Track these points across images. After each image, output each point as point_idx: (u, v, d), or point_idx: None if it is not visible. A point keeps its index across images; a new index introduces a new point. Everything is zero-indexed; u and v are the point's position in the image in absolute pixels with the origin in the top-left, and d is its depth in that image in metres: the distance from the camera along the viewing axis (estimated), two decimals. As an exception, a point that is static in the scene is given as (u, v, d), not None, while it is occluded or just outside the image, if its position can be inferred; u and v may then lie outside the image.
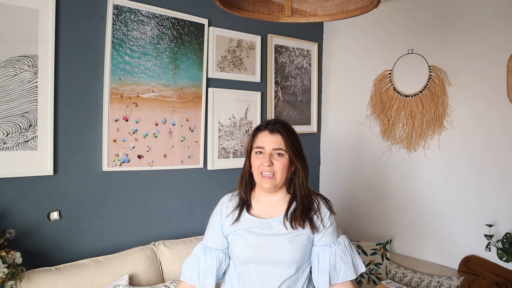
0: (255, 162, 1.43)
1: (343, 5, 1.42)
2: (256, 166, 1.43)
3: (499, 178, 2.44)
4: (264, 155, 1.41)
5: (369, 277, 2.73)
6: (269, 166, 1.39)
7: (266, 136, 1.43)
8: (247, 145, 1.49)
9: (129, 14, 2.22)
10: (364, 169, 3.09)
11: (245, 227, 1.45)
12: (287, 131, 1.45)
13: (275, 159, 1.41)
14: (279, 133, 1.43)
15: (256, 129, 1.48)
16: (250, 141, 1.47)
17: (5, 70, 1.83)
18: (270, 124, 1.45)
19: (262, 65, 2.90)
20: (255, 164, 1.43)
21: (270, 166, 1.40)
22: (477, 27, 2.51)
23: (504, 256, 2.27)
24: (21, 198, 1.92)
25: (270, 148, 1.41)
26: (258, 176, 1.43)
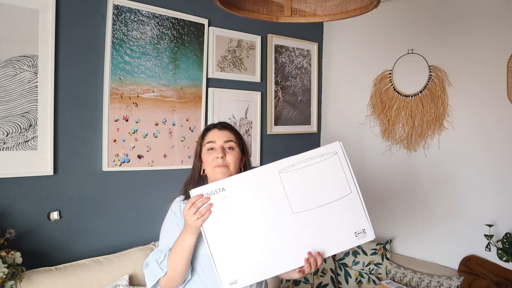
0: (207, 159, 1.46)
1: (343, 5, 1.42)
2: (209, 161, 1.45)
3: (499, 178, 2.44)
4: (216, 150, 1.45)
5: (369, 277, 2.74)
6: (222, 157, 1.43)
7: (216, 132, 1.49)
8: (197, 146, 1.53)
9: (129, 14, 2.22)
10: (364, 169, 3.09)
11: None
12: (234, 128, 1.54)
13: (227, 152, 1.46)
14: (227, 129, 1.50)
15: (204, 130, 1.53)
16: (200, 142, 1.51)
17: (5, 70, 1.83)
18: (218, 124, 1.53)
19: (262, 65, 2.90)
20: (208, 160, 1.46)
21: (223, 158, 1.43)
22: (477, 27, 2.51)
23: (504, 256, 2.27)
24: (21, 198, 1.92)
25: (221, 141, 1.46)
26: (212, 170, 1.45)
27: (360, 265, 2.77)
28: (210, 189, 1.26)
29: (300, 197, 1.29)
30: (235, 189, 1.27)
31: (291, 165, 1.30)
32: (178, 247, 1.34)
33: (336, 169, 1.31)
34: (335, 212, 1.30)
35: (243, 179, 1.29)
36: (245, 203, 1.27)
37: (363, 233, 1.31)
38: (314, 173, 1.30)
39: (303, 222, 1.28)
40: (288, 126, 3.11)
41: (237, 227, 1.27)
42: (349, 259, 2.79)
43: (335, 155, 1.32)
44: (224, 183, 1.27)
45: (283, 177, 1.29)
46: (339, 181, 1.31)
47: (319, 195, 1.30)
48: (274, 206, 1.28)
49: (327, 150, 1.32)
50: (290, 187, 1.29)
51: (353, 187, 1.32)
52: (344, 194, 1.31)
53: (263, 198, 1.28)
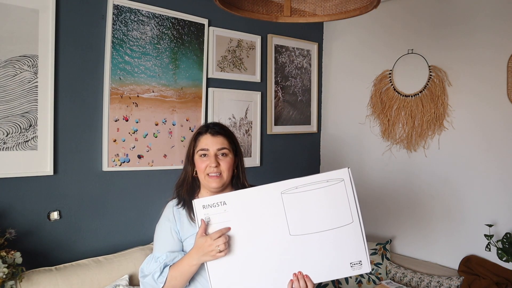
0: (200, 165, 1.46)
1: (343, 5, 1.42)
2: (202, 168, 1.46)
3: (499, 178, 2.44)
4: (209, 157, 1.45)
5: (369, 277, 2.74)
6: (216, 166, 1.44)
7: (209, 139, 1.47)
8: (189, 150, 1.52)
9: (129, 14, 2.22)
10: (364, 169, 3.09)
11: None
12: (227, 131, 1.52)
13: (220, 159, 1.45)
14: (220, 135, 1.48)
15: (197, 134, 1.52)
16: (192, 146, 1.50)
17: (5, 70, 1.83)
18: (210, 128, 1.50)
19: (262, 65, 2.90)
20: (201, 166, 1.46)
21: (217, 167, 1.44)
22: (477, 27, 2.51)
23: (504, 256, 2.27)
24: (21, 198, 1.92)
25: (214, 149, 1.45)
26: (205, 177, 1.46)
27: (360, 265, 2.76)
28: (211, 201, 1.28)
29: (299, 220, 1.28)
30: (236, 204, 1.28)
31: (294, 187, 1.28)
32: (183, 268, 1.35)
33: (340, 196, 1.29)
34: (333, 240, 1.28)
35: (245, 196, 1.29)
36: (243, 219, 1.28)
37: (358, 265, 1.30)
38: (317, 198, 1.28)
39: (299, 245, 1.28)
40: (288, 126, 3.11)
41: (233, 241, 1.28)
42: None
43: (341, 182, 1.29)
44: (226, 197, 1.28)
45: (285, 198, 1.28)
46: (342, 209, 1.29)
47: (319, 221, 1.28)
48: (272, 226, 1.28)
49: (334, 176, 1.29)
50: (290, 209, 1.28)
51: (355, 217, 1.29)
52: (345, 223, 1.29)
53: (262, 216, 1.28)
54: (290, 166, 3.13)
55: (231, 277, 1.28)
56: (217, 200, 1.28)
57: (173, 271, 1.38)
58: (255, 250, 1.28)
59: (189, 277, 1.37)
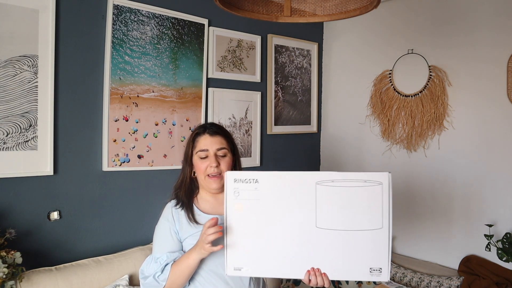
0: (200, 166, 1.46)
1: (343, 5, 1.42)
2: (202, 169, 1.45)
3: (499, 178, 2.44)
4: (209, 157, 1.45)
5: (369, 277, 2.73)
6: (216, 166, 1.44)
7: (207, 139, 1.47)
8: (187, 151, 1.51)
9: (129, 14, 2.22)
10: (364, 169, 3.09)
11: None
12: (224, 131, 1.52)
13: (220, 159, 1.46)
14: (218, 135, 1.48)
15: (195, 134, 1.51)
16: (190, 147, 1.50)
17: (5, 70, 1.83)
18: (208, 128, 1.50)
19: (262, 65, 2.90)
20: (201, 167, 1.45)
21: (217, 167, 1.44)
22: (477, 27, 2.51)
23: (504, 256, 2.27)
24: (21, 198, 1.92)
25: (214, 149, 1.45)
26: (205, 178, 1.45)
27: (360, 265, 2.76)
28: (244, 177, 1.27)
29: (328, 214, 1.26)
30: (268, 184, 1.27)
31: (330, 180, 1.26)
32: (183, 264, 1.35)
33: (375, 199, 1.25)
34: (358, 241, 1.26)
35: (279, 178, 1.28)
36: (273, 201, 1.27)
37: (378, 271, 1.27)
38: (351, 195, 1.26)
39: (322, 239, 1.26)
40: (288, 126, 3.11)
41: (258, 220, 1.27)
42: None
43: (379, 185, 1.26)
44: (260, 176, 1.27)
45: (318, 189, 1.26)
46: (374, 213, 1.26)
47: (348, 219, 1.26)
48: (300, 214, 1.26)
49: (374, 177, 1.26)
50: (322, 201, 1.26)
51: (385, 223, 1.25)
52: (374, 227, 1.26)
53: (292, 202, 1.26)
54: (290, 166, 3.13)
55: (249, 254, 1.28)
56: (250, 176, 1.27)
57: (174, 268, 1.38)
58: (278, 235, 1.27)
59: (189, 273, 1.36)
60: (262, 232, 1.27)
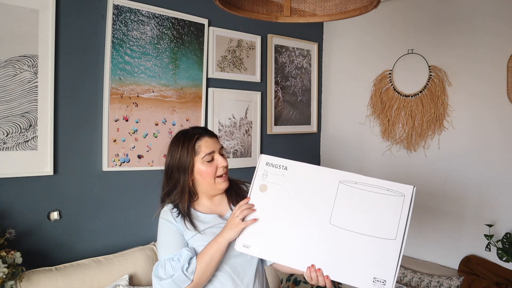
0: (208, 170, 1.41)
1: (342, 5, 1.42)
2: (211, 172, 1.42)
3: (499, 178, 2.44)
4: (217, 158, 1.44)
5: (369, 277, 2.73)
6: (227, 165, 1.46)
7: (209, 141, 1.45)
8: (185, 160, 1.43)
9: (129, 14, 2.22)
10: (364, 169, 3.09)
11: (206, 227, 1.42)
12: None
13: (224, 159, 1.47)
14: (214, 136, 1.50)
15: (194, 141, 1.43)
16: (191, 155, 1.42)
17: (5, 70, 1.83)
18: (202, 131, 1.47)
19: (262, 65, 2.90)
20: (209, 171, 1.41)
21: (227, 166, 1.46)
22: (477, 27, 2.51)
23: (504, 256, 2.27)
24: (21, 198, 1.92)
25: (218, 149, 1.46)
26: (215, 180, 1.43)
27: (360, 265, 2.76)
28: (276, 162, 1.36)
29: (344, 214, 1.27)
30: (295, 173, 1.32)
31: (354, 181, 1.29)
32: (211, 249, 1.32)
33: (394, 210, 1.25)
34: (367, 247, 1.24)
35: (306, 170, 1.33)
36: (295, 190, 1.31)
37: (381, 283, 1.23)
38: (371, 200, 1.27)
39: (333, 236, 1.27)
40: (288, 126, 3.11)
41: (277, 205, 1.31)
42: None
43: (401, 197, 1.27)
44: (290, 164, 1.34)
45: (341, 187, 1.29)
46: (390, 222, 1.25)
47: (363, 223, 1.26)
48: (318, 207, 1.29)
49: (397, 188, 1.29)
50: (341, 200, 1.28)
51: (399, 236, 1.24)
52: (387, 236, 1.24)
53: (313, 195, 1.31)
54: (290, 166, 3.13)
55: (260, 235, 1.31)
56: (281, 162, 1.35)
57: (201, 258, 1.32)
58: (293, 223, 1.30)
59: (219, 258, 1.33)
60: (279, 217, 1.31)
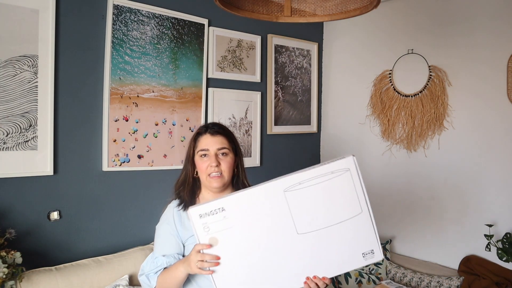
0: (201, 166, 1.46)
1: (343, 5, 1.42)
2: (203, 168, 1.45)
3: (499, 178, 2.44)
4: (209, 157, 1.45)
5: (369, 277, 2.73)
6: (216, 166, 1.43)
7: (208, 139, 1.47)
8: (188, 150, 1.51)
9: (129, 14, 2.22)
10: (364, 169, 3.09)
11: None
12: (226, 131, 1.51)
13: (220, 159, 1.45)
14: (220, 134, 1.48)
15: (196, 134, 1.51)
16: (192, 146, 1.49)
17: (5, 70, 1.83)
18: (209, 128, 1.50)
19: (262, 65, 2.90)
20: (202, 167, 1.45)
21: (218, 166, 1.44)
22: (477, 27, 2.51)
23: (504, 256, 2.27)
24: (21, 198, 1.92)
25: (214, 149, 1.45)
26: (206, 178, 1.45)
27: (360, 265, 2.76)
28: (209, 209, 1.18)
29: (306, 218, 1.21)
30: (236, 208, 1.19)
31: (297, 183, 1.19)
32: (171, 274, 1.34)
33: (347, 187, 1.21)
34: (343, 233, 1.22)
35: (244, 198, 1.20)
36: (246, 223, 1.20)
37: (371, 254, 1.24)
38: (323, 192, 1.20)
39: (308, 243, 1.22)
40: (288, 126, 3.11)
41: (238, 248, 1.21)
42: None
43: (347, 172, 1.20)
44: (224, 203, 1.18)
45: (288, 196, 1.19)
46: (350, 200, 1.22)
47: (327, 216, 1.22)
48: (278, 226, 1.21)
49: (339, 166, 1.20)
50: (295, 207, 1.20)
51: (364, 207, 1.23)
52: (354, 214, 1.23)
53: (266, 217, 1.20)
54: (290, 166, 3.13)
55: (239, 282, 1.23)
56: (215, 207, 1.18)
57: (164, 275, 1.38)
58: (263, 253, 1.22)
59: (178, 283, 1.35)
60: (246, 256, 1.22)
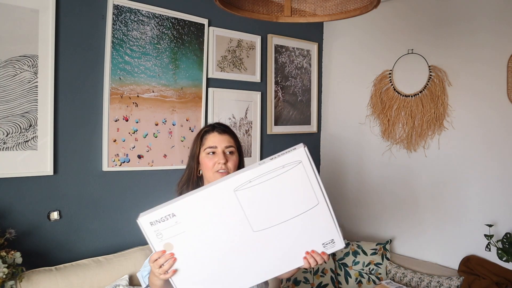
0: (208, 163, 1.46)
1: (343, 5, 1.42)
2: (210, 166, 1.46)
3: (499, 178, 2.44)
4: (217, 154, 1.46)
5: (369, 277, 2.74)
6: (224, 163, 1.45)
7: (216, 137, 1.48)
8: (194, 149, 1.52)
9: (129, 14, 2.22)
10: (364, 169, 3.09)
11: None
12: (232, 131, 1.54)
13: (227, 157, 1.47)
14: (227, 133, 1.50)
15: (203, 132, 1.52)
16: (198, 144, 1.51)
17: (5, 70, 1.83)
18: (216, 127, 1.52)
19: (262, 65, 2.90)
20: (209, 164, 1.46)
21: (225, 164, 1.45)
22: (477, 27, 2.51)
23: (504, 256, 2.27)
24: (21, 198, 1.92)
25: (222, 146, 1.47)
26: (213, 174, 1.46)
27: (360, 265, 2.77)
28: (159, 216, 1.14)
29: (260, 215, 1.17)
30: (187, 212, 1.14)
31: (247, 181, 1.14)
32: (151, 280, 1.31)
33: (301, 180, 1.16)
34: (300, 226, 1.19)
35: (194, 201, 1.15)
36: (199, 227, 1.16)
37: (331, 243, 1.22)
38: (275, 187, 1.16)
39: (265, 239, 1.19)
40: (288, 126, 3.11)
41: (194, 251, 1.18)
42: (349, 259, 2.79)
43: (299, 164, 1.15)
44: (173, 208, 1.13)
45: (239, 195, 1.15)
46: (305, 193, 1.18)
47: (282, 211, 1.18)
48: (232, 226, 1.17)
49: (290, 159, 1.16)
50: (248, 205, 1.16)
51: (320, 198, 1.18)
52: (310, 206, 1.19)
53: (219, 219, 1.16)
54: (290, 166, 3.13)
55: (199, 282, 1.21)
56: (165, 213, 1.13)
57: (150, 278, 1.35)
58: (220, 255, 1.19)
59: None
60: (203, 259, 1.19)
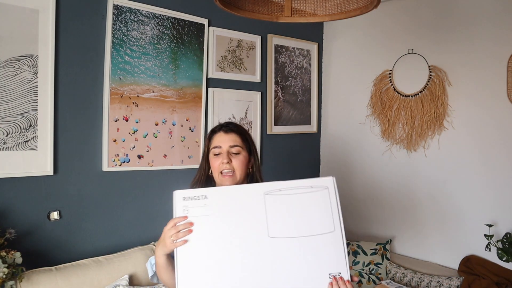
0: (214, 163, 1.47)
1: (343, 5, 1.42)
2: (216, 166, 1.46)
3: (499, 177, 2.44)
4: (222, 154, 1.46)
5: (369, 277, 2.73)
6: (228, 163, 1.44)
7: (222, 136, 1.48)
8: (204, 149, 1.53)
9: (129, 14, 2.22)
10: (364, 169, 3.09)
11: None
12: (240, 129, 1.53)
13: (232, 157, 1.46)
14: (233, 132, 1.49)
15: (211, 132, 1.53)
16: (207, 144, 1.52)
17: (5, 70, 1.83)
18: (224, 126, 1.52)
19: (262, 65, 2.90)
20: (215, 164, 1.47)
21: (229, 163, 1.44)
22: (477, 27, 2.51)
23: (504, 256, 2.27)
24: (21, 198, 1.92)
25: (226, 146, 1.46)
26: (219, 176, 1.46)
27: (360, 265, 2.77)
28: (193, 194, 1.25)
29: (279, 223, 1.26)
30: (217, 199, 1.26)
31: (278, 189, 1.27)
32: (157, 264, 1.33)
33: (323, 204, 1.27)
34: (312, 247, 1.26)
35: (227, 192, 1.28)
36: (223, 216, 1.25)
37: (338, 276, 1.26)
38: (299, 202, 1.27)
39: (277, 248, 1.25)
40: (288, 126, 3.11)
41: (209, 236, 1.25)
42: (349, 259, 2.78)
43: (325, 190, 1.28)
44: (208, 191, 1.26)
45: (267, 199, 1.27)
46: (324, 217, 1.27)
47: (300, 226, 1.27)
48: (252, 225, 1.25)
49: (319, 183, 1.28)
50: (272, 211, 1.26)
51: (337, 226, 1.27)
52: (326, 230, 1.27)
53: (242, 214, 1.26)
54: (290, 166, 3.13)
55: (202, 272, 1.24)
56: (199, 193, 1.25)
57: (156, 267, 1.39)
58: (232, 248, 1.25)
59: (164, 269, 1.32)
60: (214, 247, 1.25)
